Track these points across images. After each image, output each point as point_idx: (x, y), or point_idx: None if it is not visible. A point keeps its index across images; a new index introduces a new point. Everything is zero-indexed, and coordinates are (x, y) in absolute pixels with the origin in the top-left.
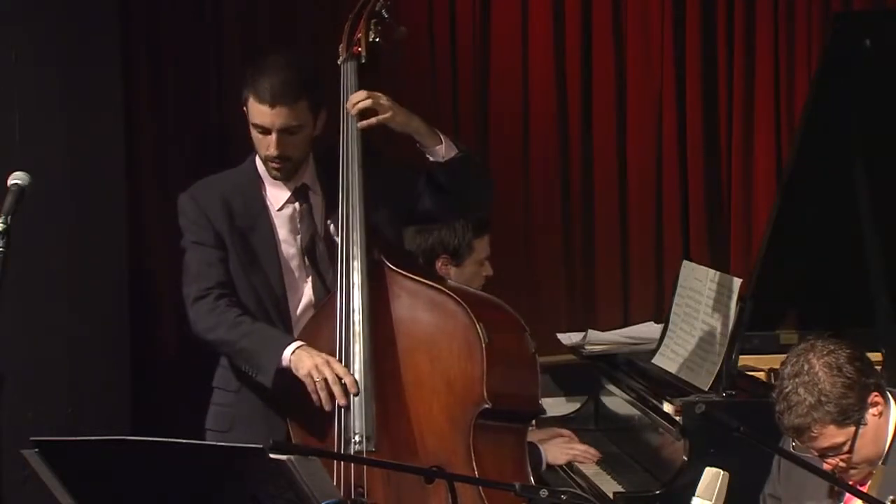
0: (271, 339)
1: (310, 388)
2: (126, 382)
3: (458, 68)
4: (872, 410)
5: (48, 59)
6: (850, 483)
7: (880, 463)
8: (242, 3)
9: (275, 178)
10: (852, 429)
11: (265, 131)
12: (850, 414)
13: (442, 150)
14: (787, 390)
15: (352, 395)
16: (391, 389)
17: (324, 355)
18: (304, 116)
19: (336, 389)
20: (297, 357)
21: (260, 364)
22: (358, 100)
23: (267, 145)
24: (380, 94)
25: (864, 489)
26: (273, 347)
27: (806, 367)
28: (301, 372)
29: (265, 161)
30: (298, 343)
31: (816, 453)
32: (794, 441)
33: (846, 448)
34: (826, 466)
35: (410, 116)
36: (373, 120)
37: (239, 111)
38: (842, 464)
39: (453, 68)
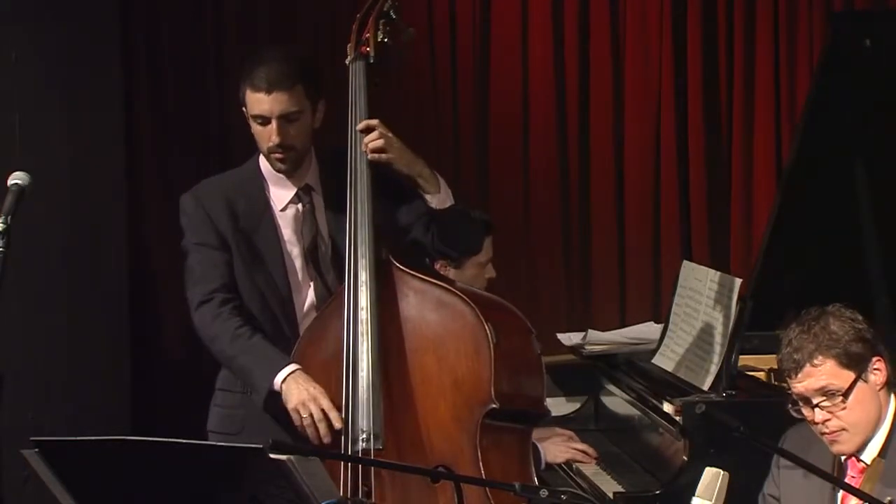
0: (266, 359)
1: (296, 423)
2: (126, 382)
3: (457, 68)
4: (875, 376)
5: (48, 59)
6: (850, 475)
7: (877, 455)
8: (242, 3)
9: (279, 170)
10: (852, 375)
11: (265, 121)
12: (854, 360)
13: (437, 200)
14: (795, 333)
15: (358, 397)
16: (398, 388)
17: (311, 388)
18: (302, 102)
19: (321, 428)
20: (287, 387)
21: (253, 384)
22: (371, 137)
23: (268, 136)
24: (392, 138)
25: (861, 483)
26: (267, 370)
27: (819, 314)
28: (289, 406)
29: (268, 154)
30: (291, 369)
31: (807, 399)
32: (790, 403)
33: (842, 396)
34: (817, 419)
35: (415, 160)
36: (381, 157)
37: (239, 111)
38: (833, 421)
39: (453, 68)
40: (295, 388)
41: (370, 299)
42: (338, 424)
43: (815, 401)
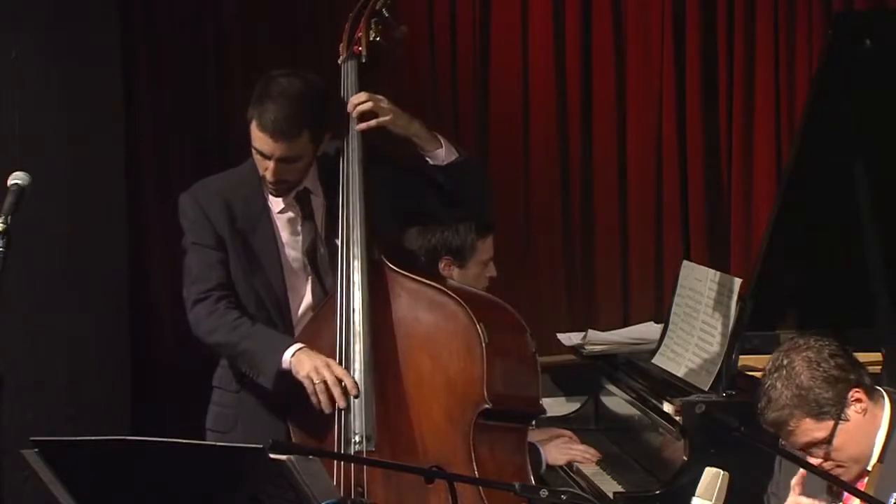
0: (271, 340)
1: (309, 390)
2: (126, 382)
3: (457, 68)
4: (855, 407)
5: (48, 59)
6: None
7: (877, 461)
8: (242, 4)
9: (271, 194)
10: (831, 423)
11: (264, 156)
12: (827, 409)
13: (442, 154)
14: (767, 385)
15: (352, 397)
16: (391, 389)
17: (324, 357)
18: (305, 148)
19: (336, 391)
20: (297, 359)
21: (260, 366)
22: (358, 101)
23: (265, 168)
24: (381, 97)
25: (862, 487)
26: (273, 349)
27: (786, 361)
28: (301, 374)
29: (262, 179)
30: (299, 345)
31: (798, 449)
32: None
33: (825, 443)
34: (811, 462)
35: (411, 120)
36: (372, 122)
37: (239, 111)
38: (827, 462)
39: (453, 68)
40: (307, 357)
41: (363, 300)
42: (353, 392)
43: (801, 450)
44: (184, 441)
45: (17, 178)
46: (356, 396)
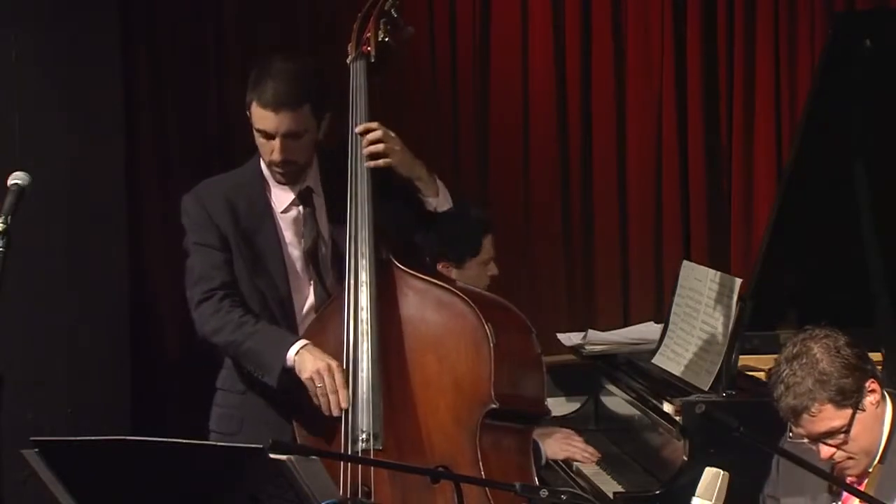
0: (276, 338)
1: (311, 391)
2: (126, 382)
3: (457, 69)
4: (870, 398)
5: (48, 59)
6: (849, 478)
7: (877, 462)
8: (242, 4)
9: (279, 182)
10: (850, 411)
11: (269, 136)
12: (849, 395)
13: (436, 203)
14: (784, 373)
15: (358, 397)
16: (399, 388)
17: (327, 359)
18: (308, 121)
19: (332, 399)
20: (301, 358)
21: (265, 364)
22: (373, 139)
23: (271, 150)
24: (394, 136)
25: (862, 488)
26: (278, 347)
27: (803, 349)
28: (303, 375)
29: (269, 166)
30: (303, 342)
31: (812, 440)
32: (789, 432)
33: (843, 432)
34: (823, 455)
35: (415, 163)
36: (380, 162)
37: (239, 110)
38: (839, 452)
39: (453, 70)
40: (310, 357)
41: (370, 299)
42: (344, 404)
43: (817, 440)
44: (184, 441)
45: (17, 178)
46: (346, 409)
